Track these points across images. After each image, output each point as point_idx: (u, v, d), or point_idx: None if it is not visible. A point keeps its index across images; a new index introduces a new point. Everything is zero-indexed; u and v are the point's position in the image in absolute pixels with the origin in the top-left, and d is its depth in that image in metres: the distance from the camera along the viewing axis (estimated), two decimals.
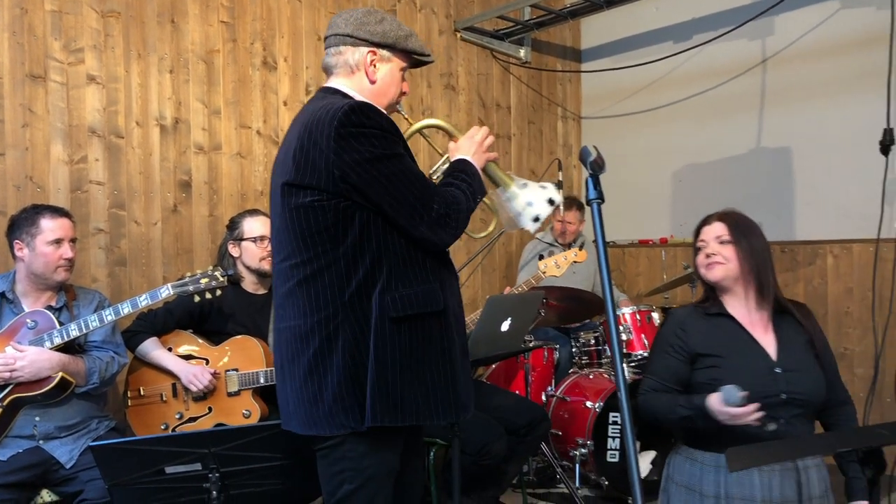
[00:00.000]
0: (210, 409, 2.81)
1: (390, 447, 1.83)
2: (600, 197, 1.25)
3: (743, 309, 2.08)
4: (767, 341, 2.03)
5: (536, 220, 1.95)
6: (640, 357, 3.79)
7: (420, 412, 1.79)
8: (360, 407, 1.75)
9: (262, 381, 2.80)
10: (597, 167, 1.25)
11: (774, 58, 4.25)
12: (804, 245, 4.07)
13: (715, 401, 1.86)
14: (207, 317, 2.93)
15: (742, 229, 2.09)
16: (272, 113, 3.79)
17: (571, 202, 4.40)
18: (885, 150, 3.11)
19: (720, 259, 2.06)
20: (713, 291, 2.14)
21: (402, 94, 1.99)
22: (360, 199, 1.76)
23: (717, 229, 2.11)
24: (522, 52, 4.96)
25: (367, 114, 1.76)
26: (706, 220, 2.17)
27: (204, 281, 2.61)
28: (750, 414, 1.82)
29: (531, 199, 1.95)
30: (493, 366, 3.74)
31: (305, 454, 1.94)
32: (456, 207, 1.80)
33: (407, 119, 2.05)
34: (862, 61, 3.78)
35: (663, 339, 2.12)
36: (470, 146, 1.97)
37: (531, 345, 3.54)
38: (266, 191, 3.73)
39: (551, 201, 1.95)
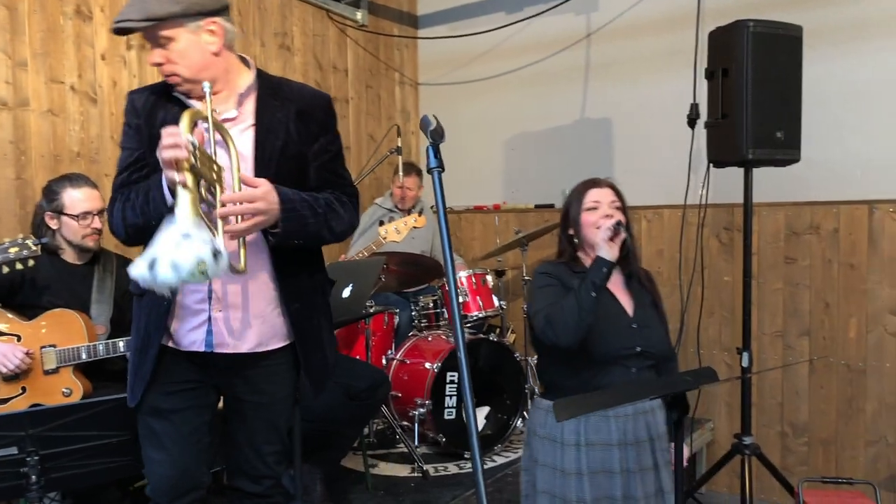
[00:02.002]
0: (24, 389, 2.59)
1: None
2: (440, 166, 1.28)
3: None
4: (625, 300, 2.21)
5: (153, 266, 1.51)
6: (475, 318, 3.95)
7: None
8: None
9: (83, 356, 2.62)
10: (437, 136, 1.28)
11: (597, 33, 4.50)
12: None
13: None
14: (19, 289, 2.69)
15: (623, 199, 2.25)
16: (88, 67, 3.49)
17: (410, 168, 4.46)
18: (691, 123, 3.40)
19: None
20: (573, 251, 2.26)
21: (157, 66, 1.86)
22: None
23: (610, 195, 2.23)
24: (359, 15, 4.89)
25: None
26: (595, 183, 2.27)
27: (13, 250, 2.37)
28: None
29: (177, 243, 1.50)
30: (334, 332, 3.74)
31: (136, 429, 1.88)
32: (111, 208, 1.90)
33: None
34: (673, 39, 4.09)
35: (538, 283, 2.19)
36: None
37: (371, 310, 3.58)
38: (83, 152, 3.45)
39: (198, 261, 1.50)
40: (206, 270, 1.49)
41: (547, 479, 2.11)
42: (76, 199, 2.76)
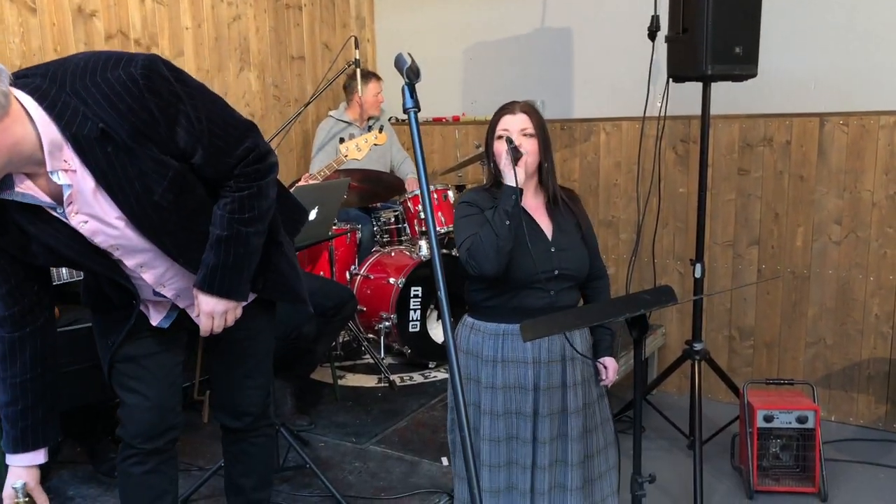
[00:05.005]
0: None
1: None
2: (417, 105, 1.27)
3: (526, 195, 2.19)
4: (545, 224, 2.22)
5: None
6: (437, 234, 3.99)
7: None
8: None
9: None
10: (413, 75, 1.27)
11: None
12: (581, 122, 4.41)
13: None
14: None
15: (540, 123, 2.17)
16: None
17: (371, 74, 4.42)
18: (651, 35, 3.38)
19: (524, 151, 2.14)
20: (495, 177, 2.23)
21: None
22: None
23: (522, 122, 2.15)
24: None
25: None
26: (509, 109, 2.18)
27: None
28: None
29: None
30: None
31: None
32: None
33: None
34: None
35: (460, 213, 2.21)
36: None
37: (336, 230, 3.58)
38: (25, 66, 3.29)
39: None
40: None
41: (470, 391, 2.21)
42: None
